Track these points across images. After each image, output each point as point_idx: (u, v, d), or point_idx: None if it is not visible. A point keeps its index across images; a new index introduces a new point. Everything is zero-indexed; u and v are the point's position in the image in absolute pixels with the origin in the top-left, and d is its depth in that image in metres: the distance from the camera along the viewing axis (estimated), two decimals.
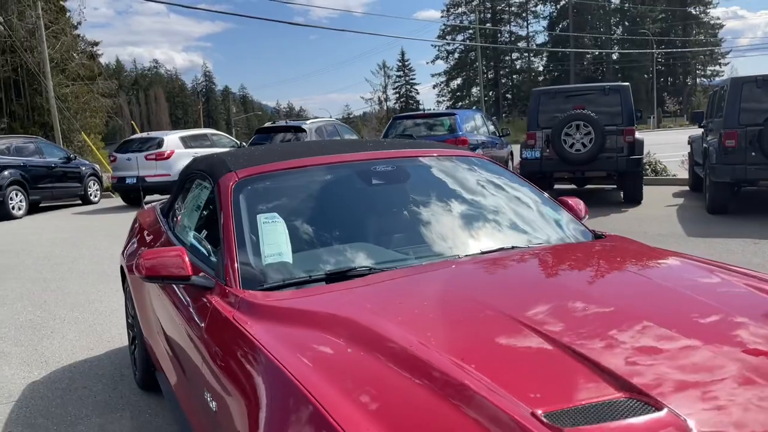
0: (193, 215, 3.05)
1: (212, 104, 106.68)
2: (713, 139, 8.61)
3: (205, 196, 2.88)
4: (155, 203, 4.27)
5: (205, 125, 76.83)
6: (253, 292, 2.09)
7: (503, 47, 75.43)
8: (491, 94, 77.78)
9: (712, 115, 9.45)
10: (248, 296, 2.05)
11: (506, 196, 2.82)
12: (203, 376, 2.04)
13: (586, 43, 70.14)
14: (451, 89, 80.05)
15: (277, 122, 14.05)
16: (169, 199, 3.77)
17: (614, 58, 72.64)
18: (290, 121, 14.34)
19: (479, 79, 57.26)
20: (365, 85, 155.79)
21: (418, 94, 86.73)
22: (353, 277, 2.15)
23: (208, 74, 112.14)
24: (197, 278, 2.27)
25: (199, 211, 2.96)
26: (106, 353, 4.51)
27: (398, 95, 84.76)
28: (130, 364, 4.07)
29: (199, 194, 3.03)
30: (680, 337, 1.56)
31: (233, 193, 2.51)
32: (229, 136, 16.89)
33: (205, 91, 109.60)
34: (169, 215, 3.53)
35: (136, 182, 13.19)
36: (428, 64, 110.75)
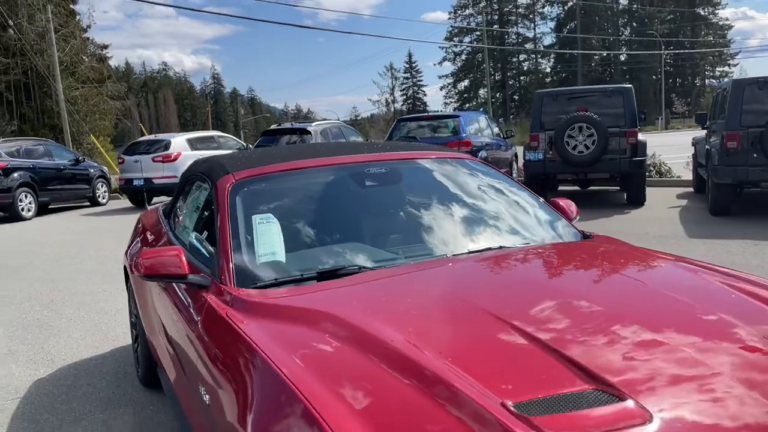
0: (192, 216, 3.13)
1: (221, 106, 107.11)
2: (716, 140, 8.63)
3: (203, 197, 2.96)
4: (158, 205, 4.37)
5: (213, 127, 77.12)
6: (246, 290, 2.17)
7: (510, 49, 75.39)
8: (498, 95, 77.76)
9: (715, 116, 9.46)
10: (241, 294, 2.12)
11: (496, 197, 2.88)
12: (198, 370, 2.12)
13: (593, 44, 70.00)
14: (458, 91, 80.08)
15: (282, 124, 14.15)
16: (171, 200, 3.86)
17: (622, 59, 72.44)
18: (295, 123, 14.43)
19: (486, 80, 57.25)
20: (373, 86, 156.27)
21: (425, 95, 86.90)
22: (344, 275, 2.22)
23: (216, 77, 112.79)
24: (194, 277, 2.35)
25: (198, 212, 3.04)
26: (110, 351, 4.60)
27: (405, 97, 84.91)
28: (133, 361, 4.16)
29: (198, 196, 3.12)
30: (650, 332, 1.62)
31: (230, 194, 2.59)
32: (235, 138, 17.02)
33: (213, 93, 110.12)
34: (170, 216, 3.61)
35: (143, 184, 13.32)
36: (435, 65, 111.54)
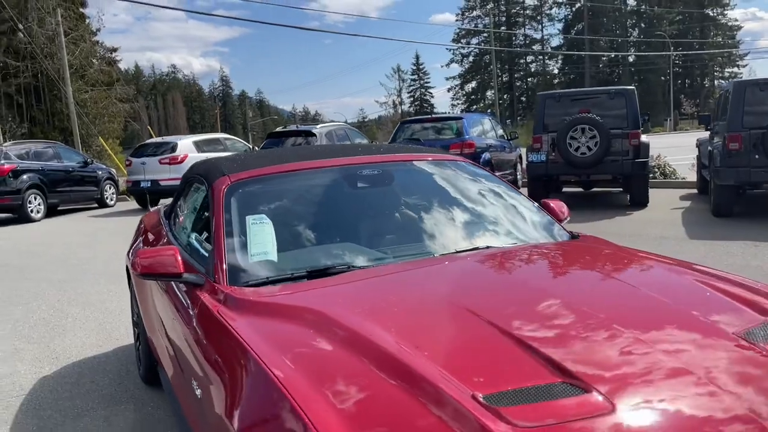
0: (191, 217, 3.21)
1: (229, 109, 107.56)
2: (718, 142, 8.65)
3: (201, 198, 3.04)
4: (160, 206, 4.45)
5: (222, 130, 77.46)
6: (238, 288, 2.24)
7: (518, 51, 75.33)
8: (506, 97, 77.70)
9: (718, 118, 9.47)
10: (233, 291, 2.19)
11: (486, 198, 2.94)
12: (191, 366, 2.19)
13: (601, 45, 69.82)
14: (465, 92, 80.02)
15: (288, 127, 14.24)
16: (172, 201, 3.94)
17: (631, 60, 72.21)
18: (300, 125, 14.52)
19: (494, 82, 57.25)
20: (380, 88, 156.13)
21: (432, 97, 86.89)
22: (333, 274, 2.29)
23: (225, 79, 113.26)
24: (189, 276, 2.42)
25: (196, 212, 3.12)
26: (113, 350, 4.69)
27: (413, 99, 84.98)
28: (135, 360, 4.24)
29: (196, 197, 3.20)
30: (622, 328, 1.68)
31: (225, 195, 2.67)
32: (241, 140, 17.13)
33: (222, 95, 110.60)
34: (170, 217, 3.70)
35: (150, 186, 13.45)
36: (443, 67, 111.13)
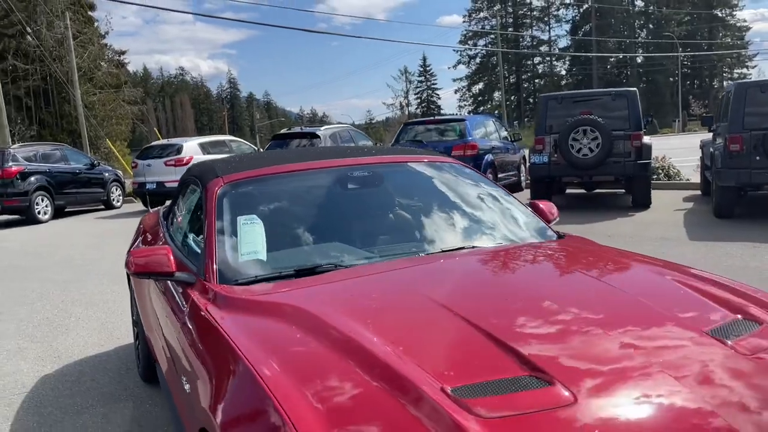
0: (186, 217, 3.28)
1: (237, 111, 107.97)
2: (720, 143, 8.66)
3: (196, 199, 3.10)
4: (159, 207, 4.53)
5: (229, 131, 77.83)
6: (227, 286, 2.30)
7: (525, 52, 75.26)
8: (513, 98, 77.58)
9: (720, 119, 9.48)
10: (222, 290, 2.26)
11: (475, 198, 2.99)
12: (182, 361, 2.26)
13: (609, 46, 69.64)
14: (472, 94, 80.00)
15: (292, 129, 14.34)
16: (170, 203, 4.02)
17: (638, 61, 71.96)
18: (305, 127, 14.61)
19: (501, 83, 57.21)
20: (387, 90, 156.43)
21: (439, 98, 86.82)
22: (320, 273, 2.35)
23: (232, 81, 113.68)
24: (180, 274, 2.49)
25: (191, 213, 3.19)
26: (114, 349, 4.77)
27: (420, 100, 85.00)
28: (135, 358, 4.31)
29: (192, 198, 3.26)
30: (591, 324, 1.73)
31: (218, 196, 2.73)
32: (247, 142, 17.24)
33: (229, 97, 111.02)
34: (168, 218, 3.77)
35: (155, 187, 13.57)
36: (450, 69, 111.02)
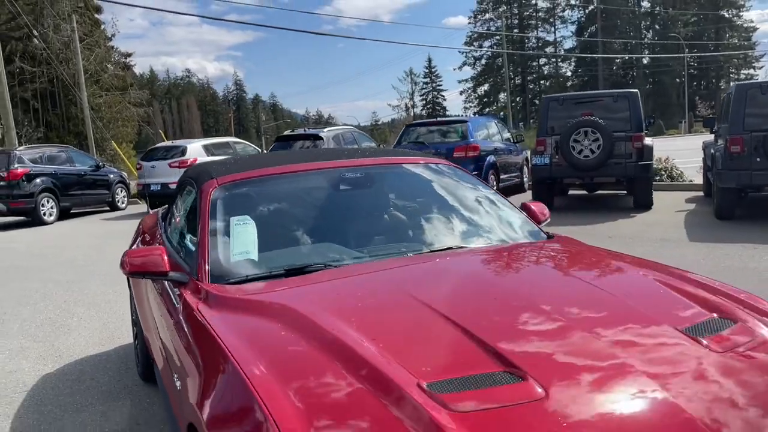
0: (182, 218, 3.33)
1: (243, 112, 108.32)
2: (720, 144, 8.66)
3: (191, 200, 3.16)
4: (159, 209, 4.58)
5: (235, 133, 78.15)
6: (218, 285, 2.35)
7: (530, 54, 75.17)
8: (518, 99, 77.55)
9: (721, 120, 9.48)
10: (212, 289, 2.30)
11: (466, 199, 3.03)
12: (174, 358, 2.31)
13: (615, 47, 69.45)
14: (478, 95, 79.94)
15: (295, 131, 14.42)
16: (169, 204, 4.07)
17: (645, 62, 71.77)
18: (308, 129, 14.68)
19: (506, 85, 57.20)
20: (393, 91, 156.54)
21: (444, 100, 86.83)
22: (309, 272, 2.40)
23: (239, 83, 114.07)
24: (174, 274, 2.54)
25: (187, 214, 3.24)
26: (114, 348, 4.83)
27: (425, 102, 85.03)
28: (134, 358, 4.37)
29: (188, 200, 3.31)
30: (568, 322, 1.77)
31: (211, 197, 2.79)
32: (251, 144, 17.32)
33: (235, 99, 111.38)
34: (166, 219, 3.82)
35: (160, 189, 13.65)
36: (455, 70, 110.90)
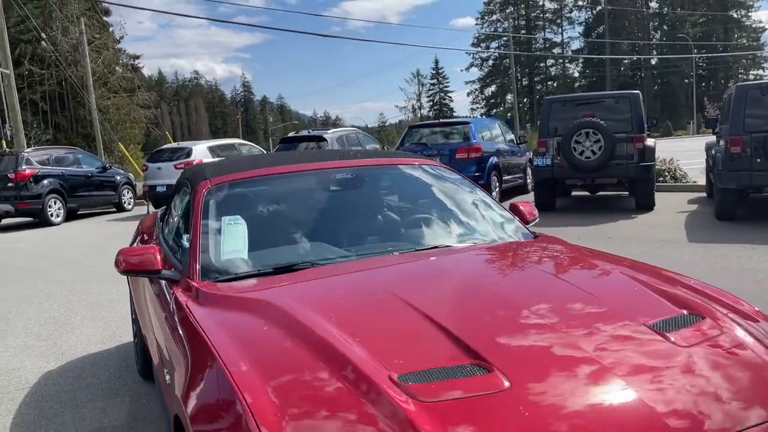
0: (178, 218, 3.40)
1: (251, 114, 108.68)
2: (721, 145, 8.67)
3: (186, 201, 3.23)
4: (158, 209, 4.67)
5: (243, 135, 78.49)
6: (208, 283, 2.42)
7: (537, 55, 75.08)
8: (526, 100, 77.47)
9: (723, 121, 9.48)
10: (202, 286, 2.38)
11: (454, 200, 3.09)
12: (164, 354, 2.38)
13: (623, 48, 69.25)
14: (485, 96, 79.96)
15: (300, 132, 14.53)
16: (167, 205, 4.15)
17: (653, 63, 71.52)
18: (312, 131, 14.78)
19: (513, 86, 57.19)
20: (400, 93, 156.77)
21: (452, 101, 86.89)
22: (297, 271, 2.46)
23: (246, 84, 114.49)
24: (166, 272, 2.61)
25: (182, 214, 3.31)
26: (116, 347, 4.92)
27: (432, 103, 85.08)
28: (134, 356, 4.45)
29: (183, 200, 3.39)
30: (539, 318, 1.83)
31: (204, 197, 2.86)
32: (256, 145, 17.43)
33: (243, 101, 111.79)
34: (164, 219, 3.90)
35: (165, 190, 13.77)
36: (462, 71, 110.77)
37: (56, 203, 13.89)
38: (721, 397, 1.52)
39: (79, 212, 15.27)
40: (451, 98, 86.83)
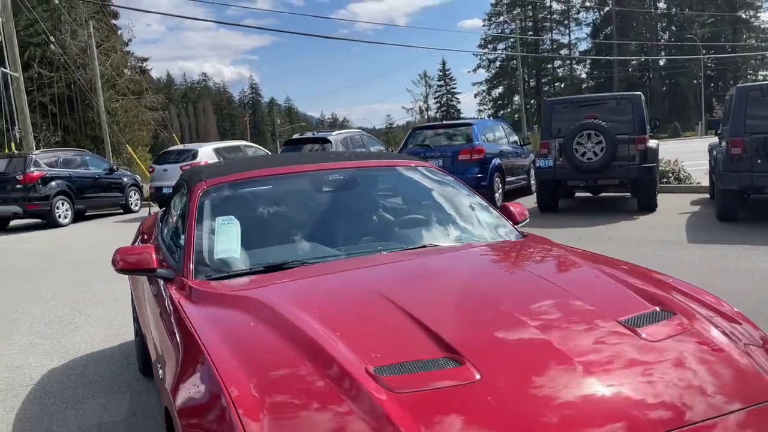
0: (175, 218, 3.49)
1: (258, 116, 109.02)
2: (722, 146, 8.69)
3: (183, 202, 3.32)
4: (160, 210, 4.76)
5: (251, 137, 78.81)
6: (201, 281, 2.50)
7: (544, 56, 74.96)
8: (533, 102, 77.34)
9: (724, 122, 9.50)
10: (195, 284, 2.45)
11: (445, 201, 3.16)
12: (158, 349, 2.46)
13: (631, 49, 69.03)
14: (492, 98, 79.92)
15: (304, 134, 14.63)
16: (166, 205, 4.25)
17: (661, 64, 71.25)
18: (317, 133, 14.88)
19: (520, 87, 57.16)
20: (407, 94, 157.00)
21: (459, 102, 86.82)
22: (287, 269, 2.54)
23: (254, 87, 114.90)
24: (161, 271, 2.69)
25: (179, 214, 3.40)
26: (118, 345, 5.01)
27: (439, 104, 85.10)
28: (135, 354, 4.54)
29: (181, 201, 3.47)
30: (514, 314, 1.89)
31: (200, 198, 2.94)
32: (262, 147, 17.55)
33: (251, 103, 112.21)
34: (164, 219, 3.99)
35: (171, 192, 13.88)
36: (470, 72, 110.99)
37: (64, 205, 14.05)
38: (682, 390, 1.58)
39: (86, 214, 15.41)
40: (458, 99, 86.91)
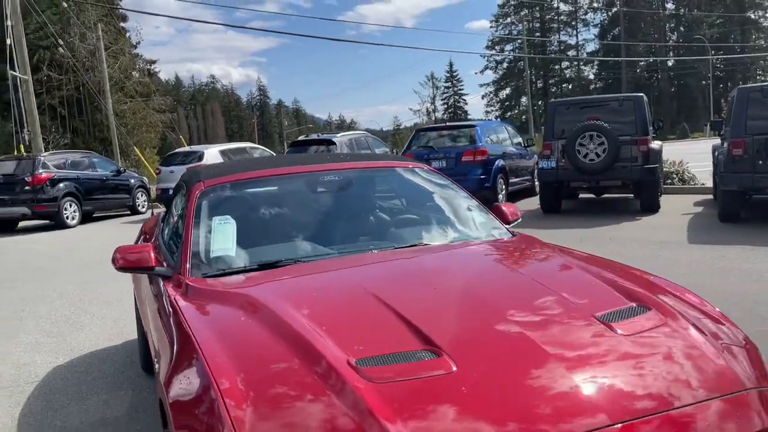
0: (175, 218, 3.58)
1: (266, 118, 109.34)
2: (724, 147, 8.71)
3: (183, 202, 3.40)
4: (161, 211, 4.85)
5: (259, 138, 79.13)
6: (196, 278, 2.58)
7: (552, 57, 74.86)
8: (540, 103, 77.17)
9: (726, 123, 9.52)
10: (191, 281, 2.53)
11: (437, 200, 3.23)
12: (155, 344, 2.54)
13: (639, 50, 68.82)
14: (499, 99, 79.91)
15: (309, 136, 14.75)
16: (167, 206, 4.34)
17: (669, 64, 70.98)
18: (322, 134, 14.99)
19: (527, 89, 57.13)
20: (415, 96, 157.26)
21: (466, 104, 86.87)
22: (280, 267, 2.61)
23: (262, 88, 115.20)
24: (159, 269, 2.78)
25: (178, 214, 3.49)
26: (122, 343, 5.11)
27: (446, 106, 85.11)
28: (138, 351, 4.63)
29: (180, 201, 3.56)
30: (494, 309, 1.97)
31: (198, 198, 3.03)
32: (267, 149, 17.67)
33: (259, 105, 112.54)
34: (165, 219, 4.08)
35: (173, 193, 14.00)
36: (477, 74, 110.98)
37: (72, 206, 14.20)
38: (651, 381, 1.64)
39: (94, 215, 15.57)
40: (465, 101, 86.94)
